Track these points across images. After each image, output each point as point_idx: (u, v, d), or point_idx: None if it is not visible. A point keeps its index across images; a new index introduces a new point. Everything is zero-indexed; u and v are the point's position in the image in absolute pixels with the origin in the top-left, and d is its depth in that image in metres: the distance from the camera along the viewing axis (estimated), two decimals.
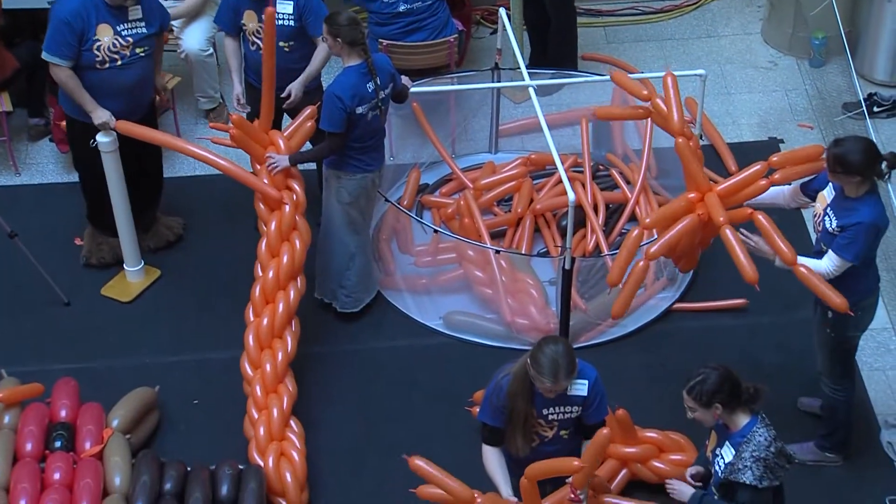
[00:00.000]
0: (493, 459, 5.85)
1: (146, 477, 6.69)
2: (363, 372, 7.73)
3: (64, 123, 8.26)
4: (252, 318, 7.34)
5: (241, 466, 6.93)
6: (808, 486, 7.00)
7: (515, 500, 5.75)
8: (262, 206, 7.46)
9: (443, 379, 7.70)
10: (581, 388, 5.78)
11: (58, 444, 6.83)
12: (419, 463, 5.82)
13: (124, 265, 8.15)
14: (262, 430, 7.00)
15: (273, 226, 7.39)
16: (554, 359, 5.55)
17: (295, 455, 6.95)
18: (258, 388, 7.14)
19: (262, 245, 7.43)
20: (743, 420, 5.59)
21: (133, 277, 8.17)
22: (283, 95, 7.81)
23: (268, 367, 7.18)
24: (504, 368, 5.85)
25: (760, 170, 6.61)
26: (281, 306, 7.31)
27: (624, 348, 7.87)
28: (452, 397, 7.51)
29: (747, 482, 5.47)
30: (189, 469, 6.87)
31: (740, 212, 6.55)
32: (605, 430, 5.60)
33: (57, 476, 6.65)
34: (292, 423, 7.11)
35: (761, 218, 6.43)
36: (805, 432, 7.19)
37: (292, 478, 6.87)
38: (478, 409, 7.28)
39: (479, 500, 5.73)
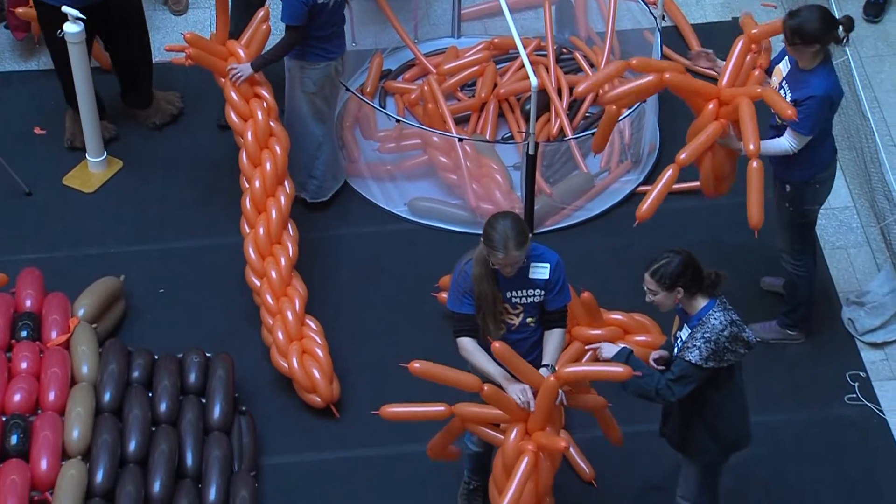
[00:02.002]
0: (471, 348, 5.85)
1: (114, 366, 6.71)
2: (328, 259, 7.73)
3: (20, 10, 8.13)
4: (248, 230, 7.30)
5: (208, 354, 6.96)
6: (771, 363, 7.11)
7: (519, 384, 5.73)
8: (234, 117, 7.38)
9: (408, 265, 7.72)
10: (543, 271, 5.80)
11: (24, 333, 6.83)
12: (419, 367, 5.78)
13: (87, 155, 8.08)
14: (280, 334, 6.98)
15: (249, 136, 7.32)
16: (503, 231, 5.59)
17: (318, 351, 6.95)
18: (268, 296, 7.11)
19: (243, 157, 7.35)
20: (700, 303, 5.64)
21: (95, 168, 8.11)
22: None
23: (273, 273, 7.15)
24: (466, 255, 5.87)
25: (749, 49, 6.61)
26: (274, 213, 7.27)
27: (589, 232, 7.90)
28: (418, 283, 7.54)
29: (692, 360, 5.54)
30: (156, 357, 6.89)
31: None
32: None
33: (24, 365, 6.66)
34: (309, 321, 7.12)
35: (745, 107, 6.40)
36: (768, 311, 7.27)
37: (320, 373, 6.89)
38: (444, 295, 7.35)
39: (486, 388, 5.70)
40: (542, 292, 5.84)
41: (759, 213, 6.39)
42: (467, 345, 5.84)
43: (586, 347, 6.15)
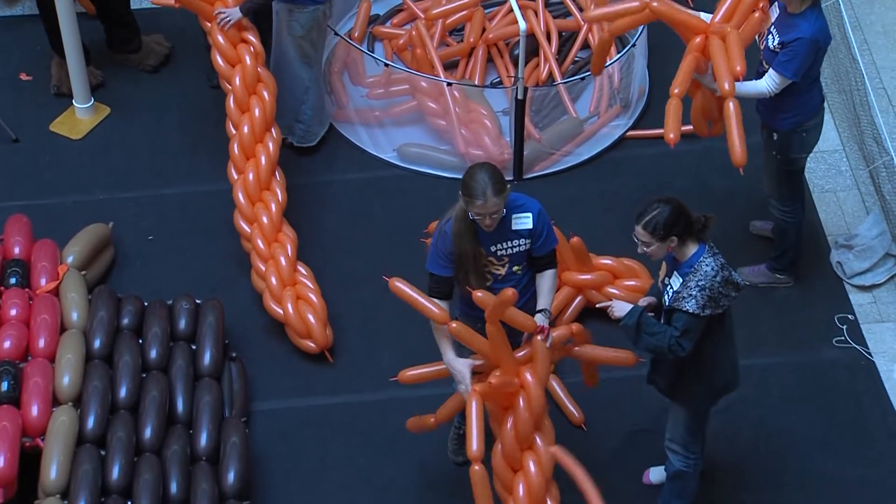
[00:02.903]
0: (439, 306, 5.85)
1: (103, 312, 6.70)
2: (318, 205, 7.72)
3: None
4: (236, 176, 7.27)
5: (198, 301, 6.96)
6: (760, 307, 7.13)
7: (463, 361, 5.82)
8: (221, 62, 7.33)
9: (397, 211, 7.71)
10: (526, 220, 5.78)
11: (13, 280, 6.81)
12: (398, 285, 5.80)
13: (73, 101, 8.04)
14: (273, 279, 6.97)
15: (237, 81, 7.28)
16: (481, 179, 5.58)
17: (312, 296, 6.95)
18: (259, 241, 7.10)
19: (230, 102, 7.30)
20: (691, 250, 5.61)
21: (83, 115, 8.07)
22: None
23: (264, 219, 7.13)
24: (446, 214, 5.85)
25: None
26: (263, 159, 7.24)
27: (578, 177, 7.89)
28: (408, 229, 7.52)
29: (689, 310, 5.53)
30: (146, 304, 6.89)
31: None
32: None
33: (14, 312, 6.65)
34: (300, 267, 7.10)
35: (715, 46, 6.32)
36: (757, 255, 7.28)
37: (315, 318, 6.89)
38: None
39: (453, 324, 5.71)
40: (528, 241, 5.83)
41: (741, 152, 6.24)
42: (437, 308, 5.80)
43: (597, 306, 6.12)
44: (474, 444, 5.63)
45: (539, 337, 5.75)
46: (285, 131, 7.76)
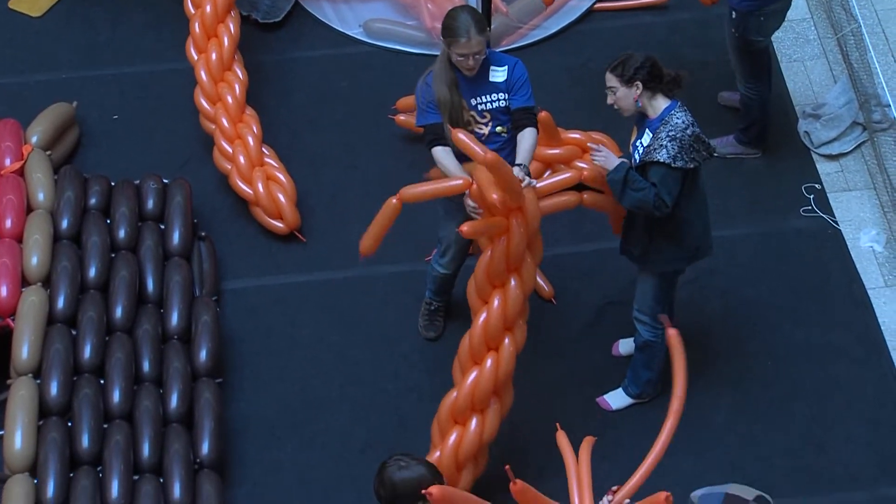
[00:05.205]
0: (442, 156, 5.75)
1: (70, 192, 6.66)
2: (282, 83, 7.65)
3: None
4: (197, 56, 7.13)
5: (165, 181, 6.91)
6: (729, 177, 7.15)
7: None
8: None
9: (364, 87, 7.66)
10: (502, 73, 5.82)
11: None
12: (411, 192, 5.62)
13: None
14: (241, 158, 6.90)
15: None
16: (464, 18, 5.62)
17: (280, 175, 6.91)
18: (224, 120, 7.00)
19: None
20: (662, 105, 5.63)
21: None
22: None
23: (229, 98, 7.04)
24: (424, 73, 5.84)
25: None
26: (226, 40, 7.11)
27: (545, 51, 7.83)
28: (375, 106, 7.49)
29: (661, 160, 5.53)
30: (113, 184, 6.84)
31: None
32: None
33: None
34: (264, 149, 7.04)
35: None
36: (725, 126, 7.28)
37: (285, 197, 6.87)
38: (401, 117, 7.32)
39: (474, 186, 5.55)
40: (506, 95, 5.83)
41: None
42: (439, 153, 5.79)
43: (588, 145, 5.98)
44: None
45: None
46: (249, 7, 7.65)
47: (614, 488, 4.74)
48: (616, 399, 6.36)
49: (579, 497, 4.70)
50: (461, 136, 5.39)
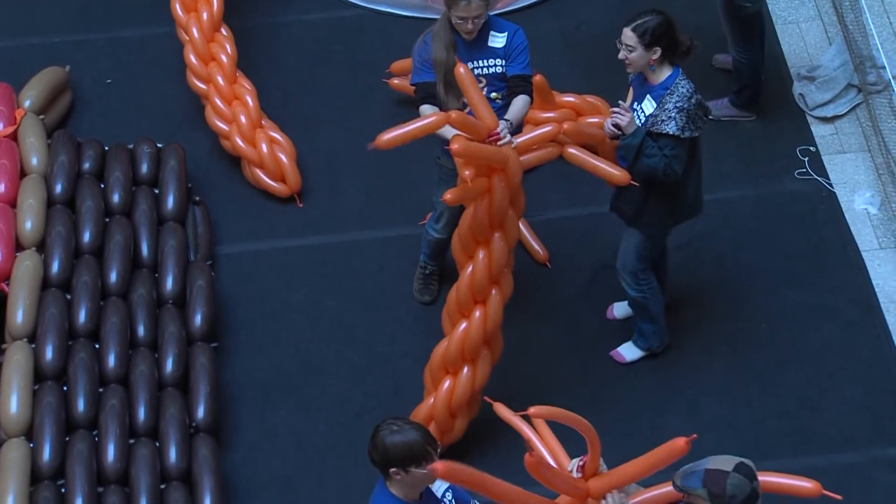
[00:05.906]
0: (428, 111, 5.72)
1: (64, 157, 6.64)
2: (276, 47, 7.63)
3: None
4: (184, 16, 7.10)
5: (159, 145, 6.90)
6: (724, 139, 7.15)
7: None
8: None
9: (358, 51, 7.64)
10: (500, 39, 5.81)
11: None
12: (388, 136, 5.53)
13: None
14: (242, 118, 6.85)
15: None
16: None
17: (279, 137, 6.88)
18: (220, 79, 6.94)
19: None
20: (665, 73, 5.60)
21: None
22: None
23: (223, 57, 6.97)
24: (423, 33, 5.84)
25: None
26: (215, 5, 7.07)
27: (539, 14, 7.81)
28: (369, 69, 7.47)
29: (670, 132, 5.52)
30: (107, 148, 6.83)
31: None
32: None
33: None
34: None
35: None
36: (719, 89, 7.26)
37: (287, 158, 6.85)
38: (395, 81, 7.30)
39: (453, 114, 5.38)
40: (503, 62, 5.82)
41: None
42: (426, 111, 5.76)
43: (611, 111, 5.69)
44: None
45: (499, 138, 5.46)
46: None
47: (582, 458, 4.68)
48: (628, 351, 6.39)
49: (555, 458, 4.70)
50: (462, 70, 5.30)
